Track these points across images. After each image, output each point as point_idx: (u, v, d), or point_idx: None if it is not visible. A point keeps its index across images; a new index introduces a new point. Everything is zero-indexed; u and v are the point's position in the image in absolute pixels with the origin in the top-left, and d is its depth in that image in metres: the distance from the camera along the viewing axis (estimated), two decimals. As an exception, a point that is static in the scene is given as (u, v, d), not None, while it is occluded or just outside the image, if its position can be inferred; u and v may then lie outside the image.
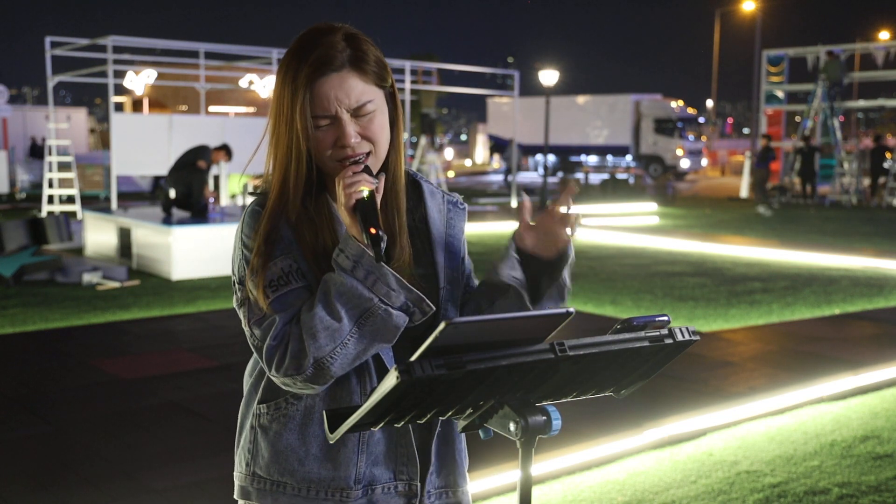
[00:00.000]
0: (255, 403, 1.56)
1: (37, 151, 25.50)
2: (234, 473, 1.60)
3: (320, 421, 1.48)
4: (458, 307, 1.61)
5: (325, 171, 1.49)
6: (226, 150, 11.84)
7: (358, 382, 1.49)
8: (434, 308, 1.43)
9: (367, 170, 1.43)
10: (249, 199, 1.54)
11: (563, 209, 1.48)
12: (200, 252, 9.77)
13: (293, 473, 1.50)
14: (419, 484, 1.54)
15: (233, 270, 1.51)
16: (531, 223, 1.52)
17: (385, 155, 1.52)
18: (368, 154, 1.47)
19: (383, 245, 1.36)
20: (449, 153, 43.11)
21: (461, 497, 1.61)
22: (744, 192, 23.41)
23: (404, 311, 1.40)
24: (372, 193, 1.40)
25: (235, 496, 1.59)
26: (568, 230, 1.48)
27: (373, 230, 1.36)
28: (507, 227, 16.00)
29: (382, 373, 1.49)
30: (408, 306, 1.40)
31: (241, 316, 1.47)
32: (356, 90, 1.44)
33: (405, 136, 1.61)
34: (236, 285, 1.49)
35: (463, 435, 1.63)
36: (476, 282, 1.69)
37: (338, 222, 1.49)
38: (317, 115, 1.43)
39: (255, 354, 1.54)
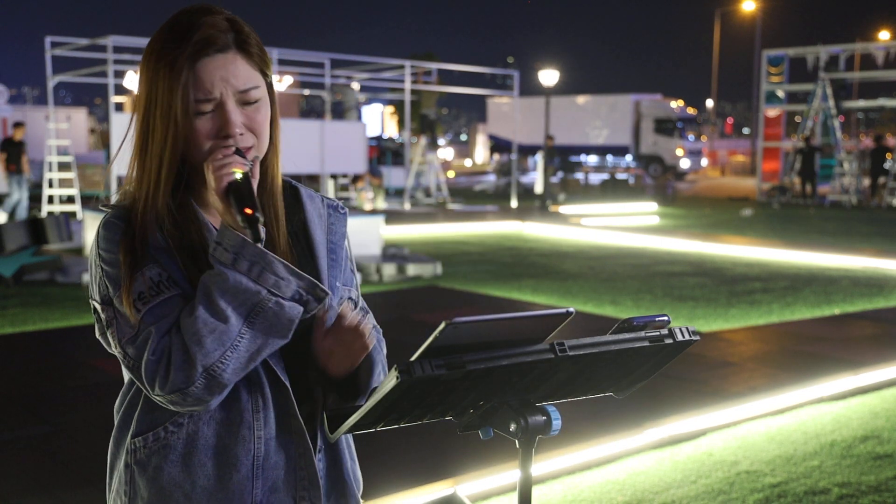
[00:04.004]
0: (128, 438, 1.37)
1: None
2: None
3: (206, 448, 1.33)
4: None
5: (196, 167, 1.33)
6: None
7: (249, 399, 1.34)
8: (329, 292, 1.31)
9: (238, 153, 1.31)
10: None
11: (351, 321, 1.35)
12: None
13: None
14: None
15: (91, 294, 1.34)
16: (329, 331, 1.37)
17: (264, 153, 1.39)
18: (250, 149, 1.33)
19: (263, 229, 1.26)
20: (449, 153, 43.13)
21: None
22: (538, 188, 23.79)
23: (297, 301, 1.28)
24: (246, 175, 1.28)
25: None
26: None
27: (248, 210, 1.25)
28: (507, 227, 16.00)
29: (275, 387, 1.36)
30: (300, 294, 1.28)
31: (111, 339, 1.30)
32: (243, 73, 1.32)
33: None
34: (99, 308, 1.32)
35: (353, 456, 1.51)
36: (363, 303, 1.55)
37: (205, 227, 1.35)
38: (199, 98, 1.29)
39: (125, 384, 1.41)
